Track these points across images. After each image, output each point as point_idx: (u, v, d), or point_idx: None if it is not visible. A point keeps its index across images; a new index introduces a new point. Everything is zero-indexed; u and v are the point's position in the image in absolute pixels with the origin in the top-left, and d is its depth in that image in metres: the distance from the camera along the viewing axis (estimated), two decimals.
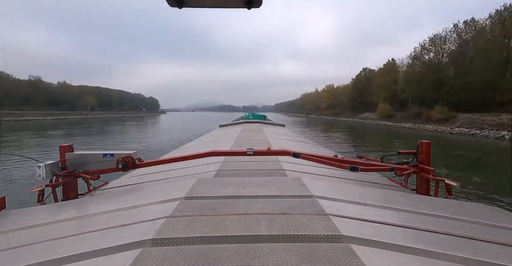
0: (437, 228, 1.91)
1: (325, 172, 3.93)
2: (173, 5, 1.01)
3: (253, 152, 3.60)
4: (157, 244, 1.61)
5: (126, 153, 3.36)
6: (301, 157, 3.52)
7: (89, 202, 2.81)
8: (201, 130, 25.79)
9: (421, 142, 3.58)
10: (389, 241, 1.65)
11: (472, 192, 9.73)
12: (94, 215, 2.29)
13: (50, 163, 3.17)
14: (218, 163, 4.33)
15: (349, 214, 2.04)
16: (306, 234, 1.68)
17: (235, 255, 1.48)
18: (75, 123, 59.29)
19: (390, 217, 2.07)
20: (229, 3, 1.06)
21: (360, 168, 3.24)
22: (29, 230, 2.10)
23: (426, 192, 3.44)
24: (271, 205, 2.19)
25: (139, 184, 3.62)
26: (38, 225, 2.17)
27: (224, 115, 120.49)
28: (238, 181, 2.95)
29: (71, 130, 40.05)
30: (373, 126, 52.51)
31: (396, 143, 27.35)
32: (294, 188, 2.63)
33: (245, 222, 1.87)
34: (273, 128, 13.84)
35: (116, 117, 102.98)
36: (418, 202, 2.70)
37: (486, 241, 1.77)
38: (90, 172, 3.40)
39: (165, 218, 1.94)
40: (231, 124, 17.53)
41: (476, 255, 1.56)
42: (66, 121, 65.58)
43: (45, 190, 3.10)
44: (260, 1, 1.00)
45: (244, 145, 6.42)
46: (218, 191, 2.55)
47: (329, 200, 2.36)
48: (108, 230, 1.89)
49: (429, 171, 3.41)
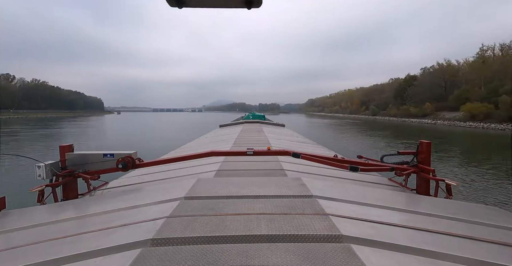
0: (437, 228, 1.91)
1: (325, 172, 3.92)
2: (173, 5, 1.01)
3: (253, 152, 3.60)
4: (157, 244, 1.61)
5: (126, 153, 3.36)
6: (301, 157, 3.52)
7: (89, 202, 2.81)
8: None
9: (421, 142, 3.57)
10: (389, 241, 1.65)
11: (472, 192, 9.73)
12: (94, 215, 2.29)
13: (50, 163, 3.16)
14: (218, 163, 4.33)
15: (349, 214, 2.04)
16: (306, 234, 1.68)
17: (235, 255, 1.48)
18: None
19: (390, 217, 2.07)
20: (229, 3, 1.06)
21: (360, 168, 3.24)
22: (29, 230, 2.10)
23: (426, 192, 3.44)
24: (271, 205, 2.18)
25: (139, 184, 3.62)
26: (38, 225, 2.16)
27: (215, 118, 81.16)
28: (238, 181, 2.94)
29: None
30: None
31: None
32: (294, 188, 2.63)
33: (245, 222, 1.86)
34: (273, 129, 13.84)
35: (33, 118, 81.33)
36: (418, 202, 2.70)
37: (486, 241, 1.77)
38: (90, 172, 3.40)
39: (165, 218, 1.94)
40: (231, 124, 17.53)
41: (476, 255, 1.56)
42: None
43: (45, 190, 3.10)
44: (260, 1, 1.00)
45: (244, 145, 6.41)
46: (218, 191, 2.55)
47: (329, 200, 2.36)
48: (108, 230, 1.89)
49: (429, 171, 3.40)
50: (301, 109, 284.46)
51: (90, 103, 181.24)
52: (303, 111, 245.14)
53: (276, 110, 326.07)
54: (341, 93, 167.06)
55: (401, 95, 75.41)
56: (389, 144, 25.18)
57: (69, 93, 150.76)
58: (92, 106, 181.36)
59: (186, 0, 1.00)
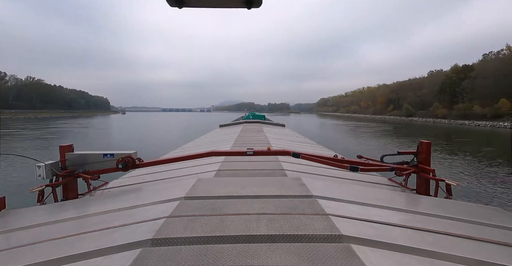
0: (437, 228, 1.91)
1: (325, 172, 3.92)
2: (173, 5, 1.01)
3: (253, 152, 3.60)
4: (157, 244, 1.61)
5: (126, 153, 3.36)
6: (301, 157, 3.52)
7: (89, 202, 2.81)
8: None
9: (421, 142, 3.57)
10: (389, 241, 1.65)
11: (472, 192, 9.72)
12: (94, 215, 2.29)
13: (50, 163, 3.17)
14: (218, 163, 4.33)
15: (349, 214, 2.04)
16: (306, 234, 1.68)
17: (235, 255, 1.48)
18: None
19: (390, 217, 2.07)
20: (229, 3, 1.06)
21: (360, 168, 3.24)
22: (29, 230, 2.10)
23: (426, 192, 3.44)
24: (271, 205, 2.18)
25: (139, 184, 3.62)
26: (38, 225, 2.17)
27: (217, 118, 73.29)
28: (238, 181, 2.94)
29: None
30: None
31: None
32: (294, 188, 2.63)
33: (245, 222, 1.86)
34: (273, 128, 13.85)
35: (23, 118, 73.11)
36: (418, 202, 2.70)
37: (486, 241, 1.77)
38: (90, 172, 3.40)
39: (165, 218, 1.94)
40: (231, 124, 17.53)
41: (476, 255, 1.56)
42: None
43: (45, 190, 3.10)
44: (260, 1, 1.01)
45: (244, 145, 6.42)
46: (218, 191, 2.55)
47: (329, 200, 2.36)
48: (108, 230, 1.89)
49: (429, 171, 3.40)
50: (312, 109, 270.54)
51: (94, 103, 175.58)
52: (314, 111, 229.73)
53: (286, 110, 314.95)
54: (358, 91, 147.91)
55: (450, 91, 59.89)
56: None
57: (69, 93, 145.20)
58: (97, 106, 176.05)
59: (186, 0, 1.00)
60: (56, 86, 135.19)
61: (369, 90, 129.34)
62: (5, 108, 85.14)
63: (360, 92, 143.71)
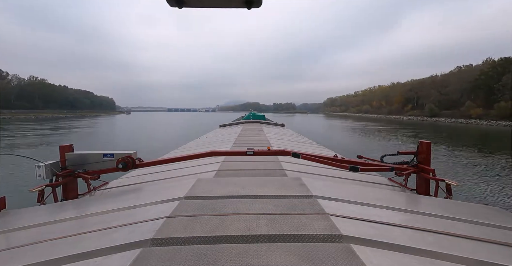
0: (437, 228, 1.91)
1: (325, 172, 3.92)
2: (173, 5, 1.01)
3: (253, 152, 3.60)
4: (157, 244, 1.61)
5: (126, 153, 3.36)
6: (301, 157, 3.52)
7: (89, 202, 2.81)
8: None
9: (421, 142, 3.57)
10: (389, 241, 1.65)
11: (472, 192, 9.72)
12: (94, 215, 2.29)
13: (50, 163, 3.17)
14: (218, 163, 4.33)
15: (349, 214, 2.04)
16: (306, 234, 1.68)
17: (235, 255, 1.48)
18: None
19: (390, 217, 2.07)
20: (229, 3, 1.06)
21: (360, 168, 3.24)
22: (29, 230, 2.10)
23: (426, 192, 3.44)
24: (271, 205, 2.18)
25: (139, 184, 3.62)
26: (38, 225, 2.17)
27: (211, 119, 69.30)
28: (238, 181, 2.94)
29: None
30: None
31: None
32: (294, 188, 2.63)
33: (245, 222, 1.86)
34: (273, 129, 13.85)
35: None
36: (418, 202, 2.70)
37: (486, 241, 1.77)
38: (90, 172, 3.40)
39: (165, 218, 1.94)
40: (231, 124, 17.54)
41: (476, 255, 1.56)
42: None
43: (45, 190, 3.10)
44: (260, 1, 1.01)
45: (244, 145, 6.42)
46: (218, 191, 2.55)
47: (329, 200, 2.36)
48: (108, 230, 1.89)
49: (429, 171, 3.40)
50: (318, 109, 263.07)
51: (99, 103, 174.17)
52: (321, 111, 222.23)
53: (292, 110, 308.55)
54: (369, 90, 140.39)
55: (486, 88, 52.04)
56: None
57: (74, 92, 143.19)
58: (102, 106, 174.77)
59: (186, 0, 1.01)
60: (60, 86, 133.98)
61: (381, 89, 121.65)
62: (6, 108, 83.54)
63: (371, 92, 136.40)
